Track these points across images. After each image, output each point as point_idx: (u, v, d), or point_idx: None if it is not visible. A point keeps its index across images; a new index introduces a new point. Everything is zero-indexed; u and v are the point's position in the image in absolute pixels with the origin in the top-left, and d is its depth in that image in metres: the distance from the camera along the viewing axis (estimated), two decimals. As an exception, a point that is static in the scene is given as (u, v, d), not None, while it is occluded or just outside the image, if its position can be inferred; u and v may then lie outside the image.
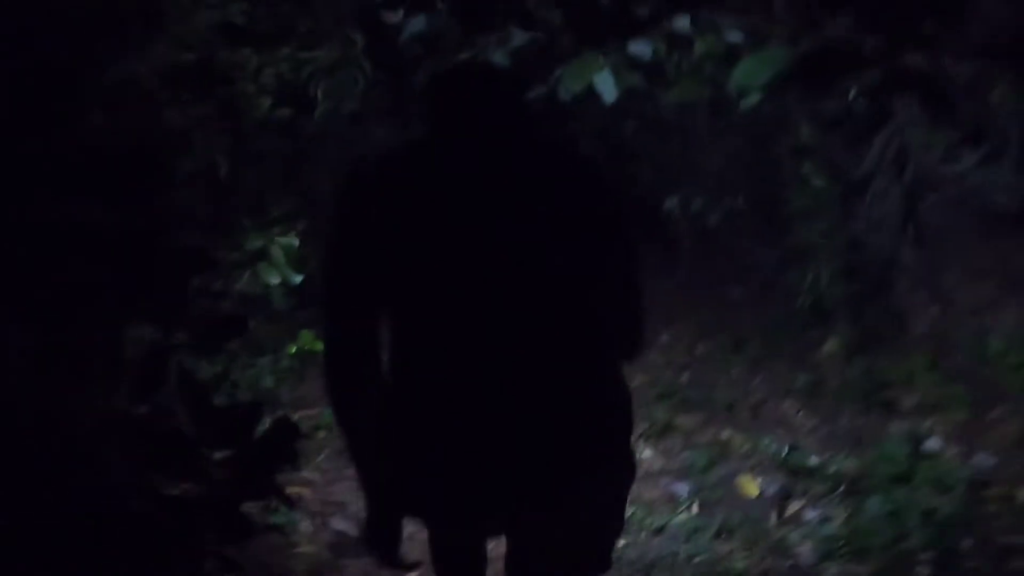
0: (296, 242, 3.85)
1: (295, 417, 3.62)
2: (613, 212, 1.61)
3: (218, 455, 1.71)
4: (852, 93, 2.95)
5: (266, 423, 2.02)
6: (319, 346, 1.66)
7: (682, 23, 3.35)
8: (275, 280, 3.89)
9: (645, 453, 3.69)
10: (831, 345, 3.96)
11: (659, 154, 5.22)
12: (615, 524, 1.74)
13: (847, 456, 3.44)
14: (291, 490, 3.28)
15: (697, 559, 2.95)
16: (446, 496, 1.58)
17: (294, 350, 3.94)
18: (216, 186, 4.22)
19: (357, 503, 2.65)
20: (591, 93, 3.99)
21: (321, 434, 3.58)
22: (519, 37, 3.97)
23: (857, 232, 4.31)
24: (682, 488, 3.36)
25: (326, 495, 3.30)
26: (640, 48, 3.57)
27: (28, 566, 1.41)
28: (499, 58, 3.90)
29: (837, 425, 3.70)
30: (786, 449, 3.54)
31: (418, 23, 4.00)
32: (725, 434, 3.74)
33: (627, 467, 1.69)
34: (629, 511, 3.19)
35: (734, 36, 3.27)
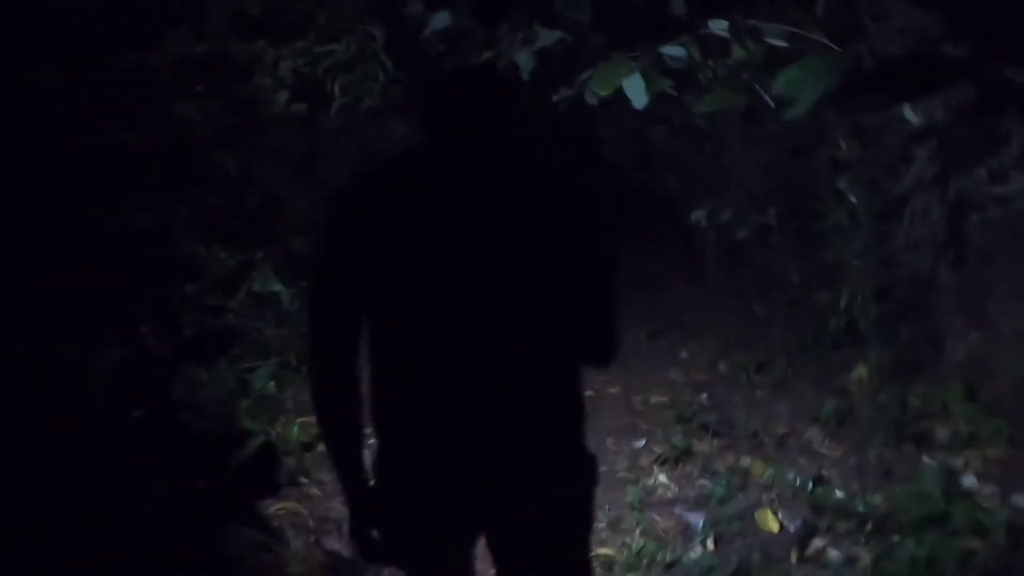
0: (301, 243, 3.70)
1: (296, 425, 3.46)
2: (581, 222, 1.67)
3: (197, 484, 1.61)
4: (906, 108, 2.75)
5: (253, 445, 1.90)
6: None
7: (719, 26, 3.16)
8: (276, 286, 3.76)
9: (659, 479, 3.51)
10: (861, 370, 3.76)
11: (688, 163, 5.03)
12: (582, 526, 1.78)
13: (876, 492, 3.24)
14: (287, 505, 3.13)
15: (712, 599, 2.78)
16: (427, 495, 1.65)
17: (293, 358, 3.80)
18: (226, 184, 4.08)
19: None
20: (619, 97, 3.84)
21: (322, 446, 3.42)
22: (546, 37, 3.80)
23: (894, 251, 4.11)
24: (697, 519, 3.17)
25: (323, 511, 3.15)
26: (673, 52, 3.40)
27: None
28: (524, 58, 3.74)
29: (866, 457, 3.50)
30: (810, 481, 3.34)
31: (442, 19, 3.84)
32: (745, 462, 3.55)
33: (587, 468, 1.75)
34: (639, 543, 3.07)
35: (774, 40, 3.07)
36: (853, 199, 4.00)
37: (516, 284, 1.62)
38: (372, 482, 1.70)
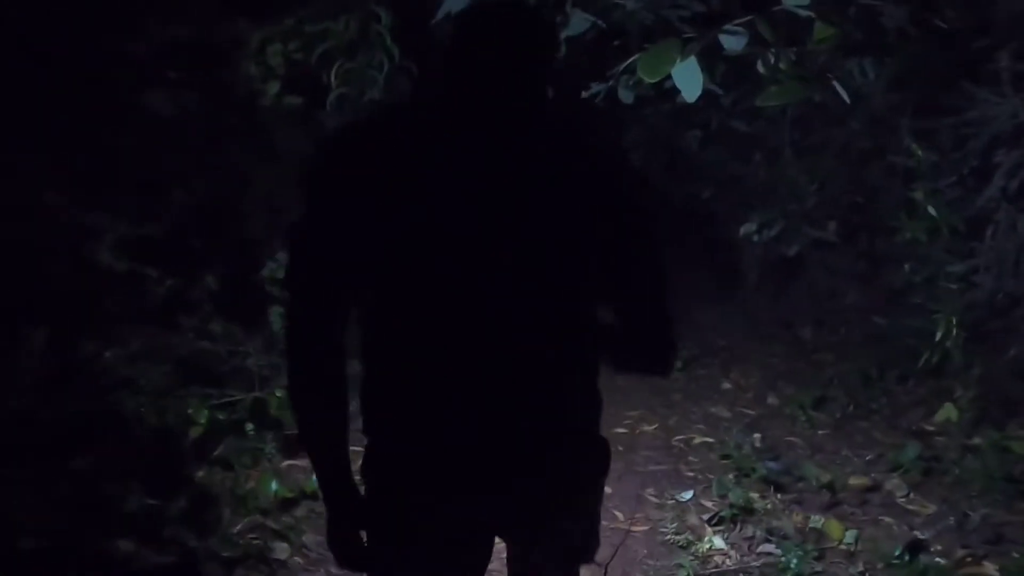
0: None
1: (272, 478, 2.90)
2: (638, 208, 1.47)
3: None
4: None
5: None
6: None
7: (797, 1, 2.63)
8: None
9: (715, 542, 2.94)
10: (949, 410, 3.21)
11: (725, 170, 4.48)
12: (595, 506, 1.63)
13: (984, 557, 2.68)
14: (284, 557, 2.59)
15: None
16: (427, 503, 1.47)
17: (280, 393, 3.23)
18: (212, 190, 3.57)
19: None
20: (654, 95, 3.34)
21: (304, 507, 2.84)
22: (577, 23, 3.27)
23: (976, 271, 3.57)
24: (770, 598, 2.61)
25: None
26: (733, 37, 2.87)
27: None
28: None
29: (960, 511, 2.95)
30: (900, 547, 2.78)
31: (457, 0, 3.30)
32: (818, 521, 2.97)
33: (602, 452, 1.58)
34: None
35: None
36: (933, 212, 3.45)
37: (544, 270, 1.40)
38: (361, 488, 1.51)
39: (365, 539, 1.51)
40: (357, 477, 1.50)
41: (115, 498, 2.46)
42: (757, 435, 3.74)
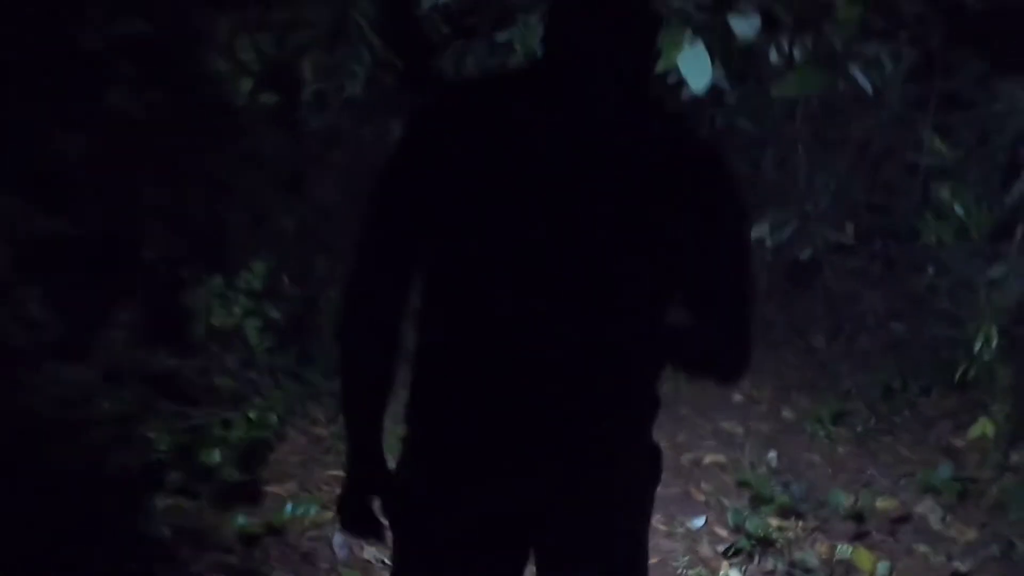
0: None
1: (240, 514, 2.63)
2: (737, 204, 1.42)
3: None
4: None
5: None
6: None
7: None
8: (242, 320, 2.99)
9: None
10: (985, 426, 2.95)
11: (737, 168, 4.23)
12: (642, 521, 1.57)
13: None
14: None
15: None
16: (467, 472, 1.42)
17: (254, 414, 2.96)
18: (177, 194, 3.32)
19: None
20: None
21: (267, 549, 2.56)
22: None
23: (1006, 275, 3.31)
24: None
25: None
26: (745, 21, 2.65)
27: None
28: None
29: (1003, 539, 2.69)
30: (939, 580, 2.53)
31: (445, -11, 3.06)
32: (845, 551, 2.71)
33: (653, 462, 1.53)
34: None
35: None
36: (960, 212, 3.20)
37: (623, 261, 1.35)
38: (395, 467, 1.47)
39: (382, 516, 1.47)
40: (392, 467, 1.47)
41: (56, 534, 2.20)
42: (773, 453, 3.48)
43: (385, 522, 1.48)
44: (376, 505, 1.47)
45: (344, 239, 3.81)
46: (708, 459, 3.52)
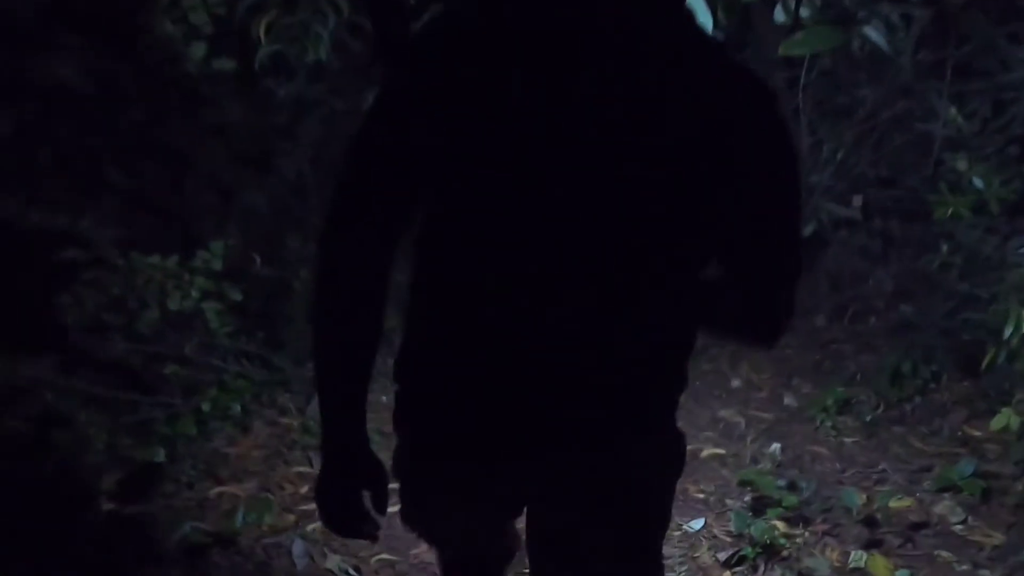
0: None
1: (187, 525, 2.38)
2: (781, 149, 1.24)
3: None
4: None
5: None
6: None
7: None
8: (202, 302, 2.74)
9: (735, 587, 2.45)
10: (1008, 417, 2.71)
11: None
12: (658, 514, 1.42)
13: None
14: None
15: None
16: (459, 460, 1.34)
17: (207, 406, 2.71)
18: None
19: None
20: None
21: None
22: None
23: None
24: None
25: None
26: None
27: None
28: None
29: (1028, 545, 2.47)
30: (962, 590, 2.30)
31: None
32: (859, 558, 2.48)
33: (676, 449, 1.40)
34: None
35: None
36: (980, 185, 2.95)
37: (652, 211, 1.20)
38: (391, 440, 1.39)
39: (370, 501, 1.33)
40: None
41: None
42: (776, 446, 3.24)
43: (376, 515, 1.33)
44: (365, 495, 1.32)
45: (315, 216, 3.56)
46: (706, 452, 3.28)
